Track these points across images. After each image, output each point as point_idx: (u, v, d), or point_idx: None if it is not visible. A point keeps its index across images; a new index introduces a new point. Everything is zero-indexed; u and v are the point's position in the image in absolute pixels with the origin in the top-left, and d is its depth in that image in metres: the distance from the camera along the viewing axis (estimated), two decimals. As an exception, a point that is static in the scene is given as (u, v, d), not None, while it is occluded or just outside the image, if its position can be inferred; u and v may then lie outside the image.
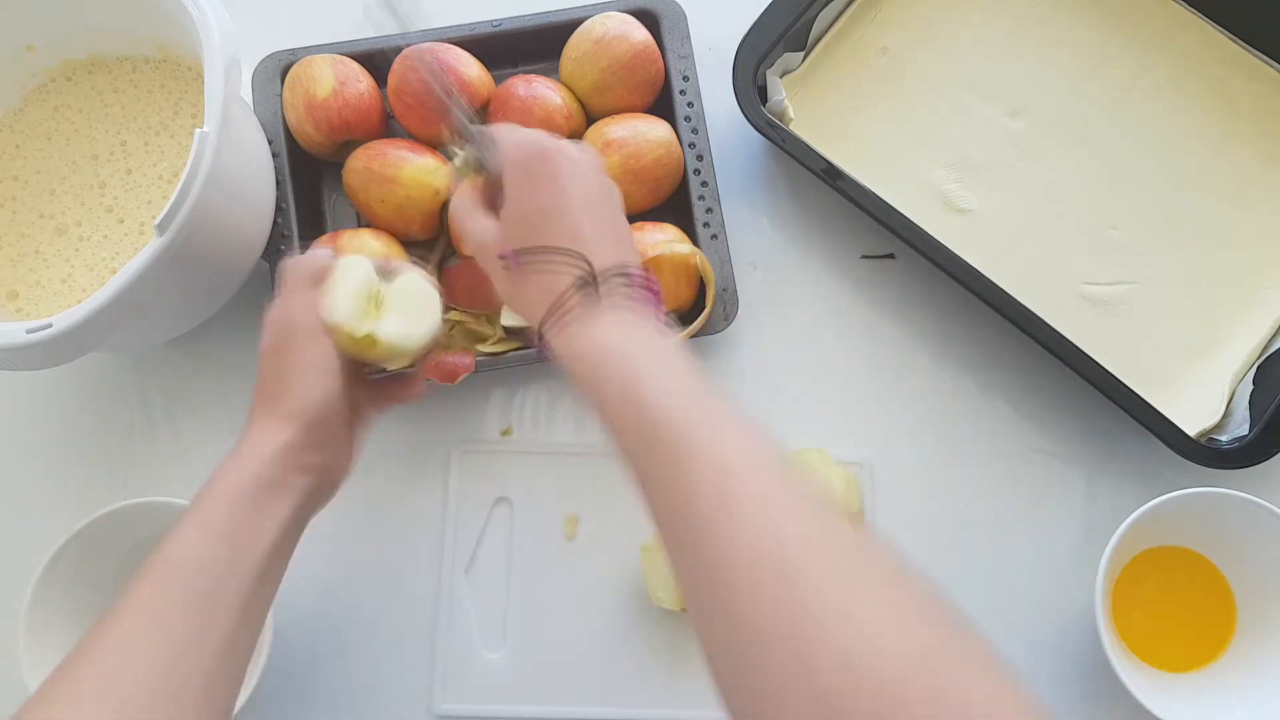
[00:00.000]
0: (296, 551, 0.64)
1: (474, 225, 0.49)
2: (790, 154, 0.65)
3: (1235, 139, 0.69)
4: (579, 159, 0.48)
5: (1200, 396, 0.64)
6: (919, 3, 0.72)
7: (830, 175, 0.64)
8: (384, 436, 0.66)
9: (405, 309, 0.51)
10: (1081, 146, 0.69)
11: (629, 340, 0.43)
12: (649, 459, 0.40)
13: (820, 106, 0.69)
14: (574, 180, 0.47)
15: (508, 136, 0.49)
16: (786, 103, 0.67)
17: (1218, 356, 0.65)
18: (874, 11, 0.71)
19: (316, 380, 0.48)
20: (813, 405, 0.67)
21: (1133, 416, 0.61)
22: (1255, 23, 0.69)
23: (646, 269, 0.48)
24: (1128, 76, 0.70)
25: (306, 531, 0.65)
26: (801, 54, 0.69)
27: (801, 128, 0.67)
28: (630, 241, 0.49)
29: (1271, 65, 0.69)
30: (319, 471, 0.49)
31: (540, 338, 0.46)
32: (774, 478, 0.37)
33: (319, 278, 0.50)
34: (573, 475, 0.65)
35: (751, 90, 0.65)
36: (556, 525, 0.65)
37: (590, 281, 0.45)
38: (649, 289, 0.47)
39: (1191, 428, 0.62)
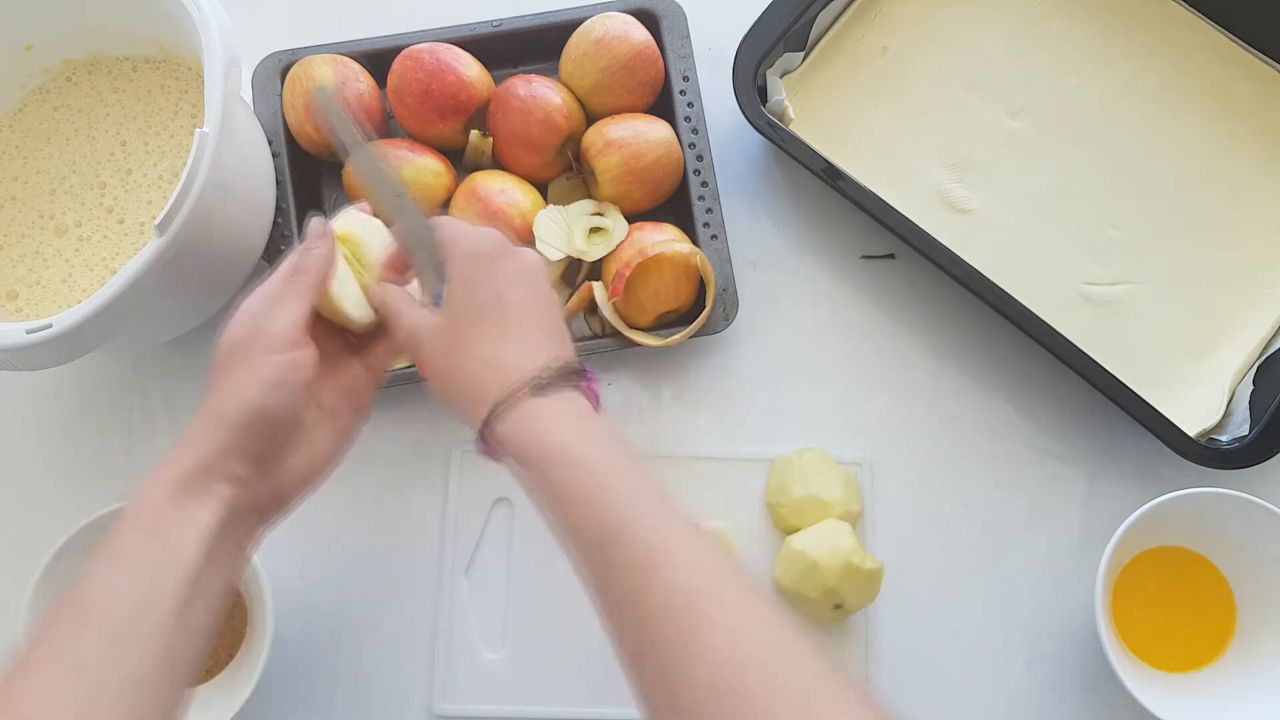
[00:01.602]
0: (297, 551, 0.64)
1: (409, 313, 0.48)
2: (790, 154, 0.65)
3: (1235, 139, 0.69)
4: (528, 260, 0.48)
5: (1200, 396, 0.64)
6: (919, 2, 0.71)
7: (830, 175, 0.64)
8: (384, 436, 0.66)
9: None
10: (1081, 147, 0.69)
11: (585, 442, 0.43)
12: (606, 566, 0.41)
13: (820, 106, 0.69)
14: (520, 278, 0.47)
15: (456, 229, 0.49)
16: (786, 103, 0.67)
17: (1218, 356, 0.65)
18: (874, 11, 0.71)
19: (261, 388, 0.44)
20: (813, 405, 0.67)
21: (1133, 416, 0.61)
22: (1255, 23, 0.69)
23: (589, 372, 0.47)
24: (1128, 76, 0.70)
25: (307, 531, 0.65)
26: (801, 54, 0.69)
27: (801, 128, 0.67)
28: (570, 344, 0.48)
29: (1271, 65, 0.70)
30: (251, 484, 0.45)
31: (481, 432, 0.45)
32: (735, 601, 0.39)
33: (312, 281, 0.48)
34: (573, 475, 0.65)
35: (751, 90, 0.65)
36: (556, 525, 0.65)
37: (544, 380, 0.44)
38: (592, 392, 0.46)
39: (1191, 428, 0.62)
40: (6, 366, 0.54)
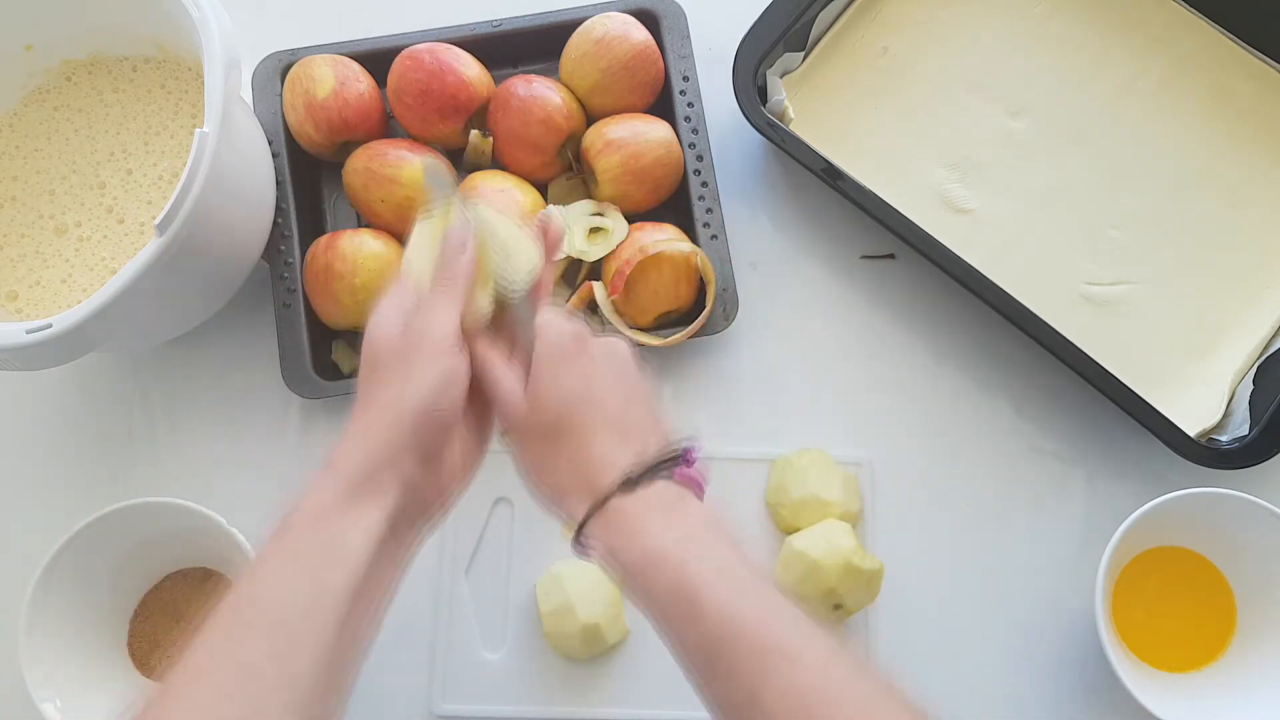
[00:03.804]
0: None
1: (501, 378, 0.47)
2: (790, 154, 0.65)
3: (1235, 139, 0.69)
4: (614, 347, 0.47)
5: (1200, 396, 0.64)
6: (919, 3, 0.71)
7: (830, 175, 0.64)
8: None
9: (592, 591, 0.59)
10: (1081, 146, 0.69)
11: (677, 541, 0.42)
12: (714, 677, 0.39)
13: (820, 106, 0.69)
14: (608, 367, 0.46)
15: (544, 316, 0.47)
16: (786, 103, 0.67)
17: (1218, 356, 0.65)
18: (874, 11, 0.71)
19: (433, 387, 0.44)
20: (812, 405, 0.67)
21: (1133, 416, 0.61)
22: (1255, 23, 0.69)
23: (690, 452, 0.46)
24: (1128, 76, 0.70)
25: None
26: (801, 54, 0.69)
27: (801, 128, 0.67)
28: (665, 418, 0.47)
29: (1271, 65, 0.69)
30: (419, 482, 0.45)
31: (577, 533, 0.44)
32: (860, 702, 0.37)
33: (461, 288, 0.47)
34: (573, 475, 0.65)
35: (751, 90, 0.65)
36: (556, 525, 0.64)
37: (634, 477, 0.43)
38: (690, 478, 0.45)
39: (1191, 428, 0.62)
40: (6, 366, 0.54)
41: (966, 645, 0.63)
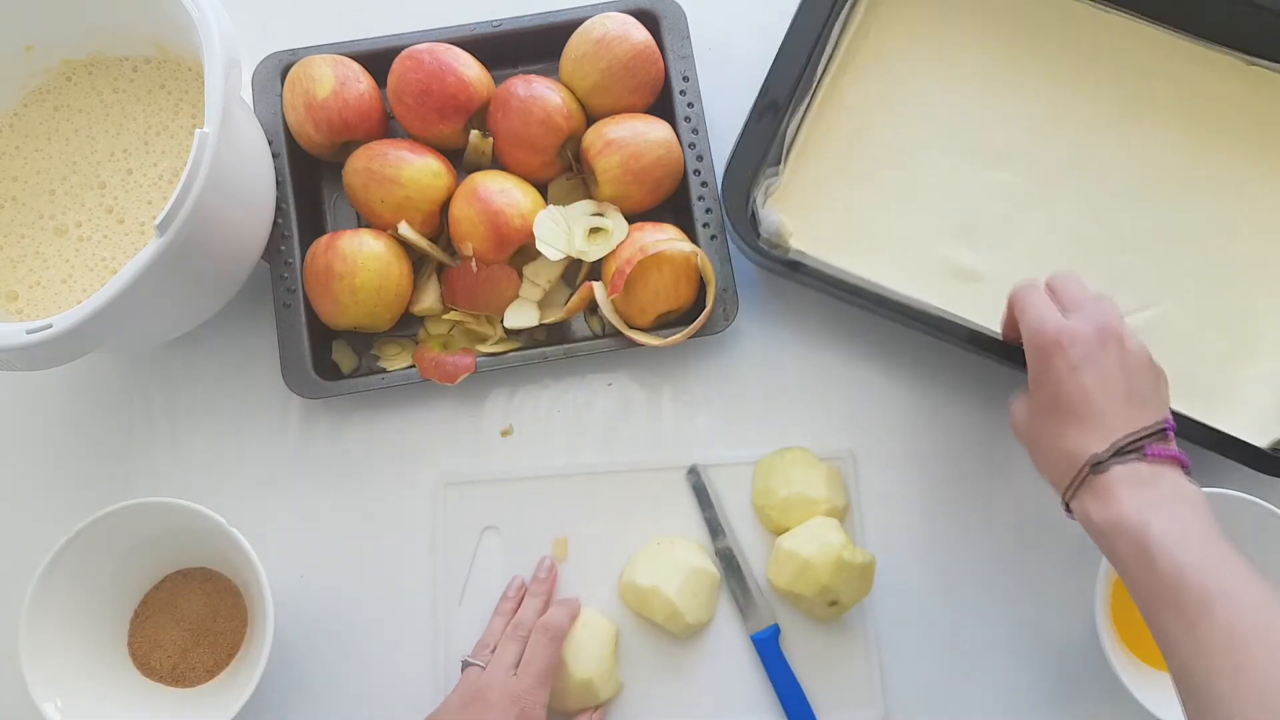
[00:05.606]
0: (297, 552, 0.64)
1: (1016, 403, 0.57)
2: (803, 283, 0.63)
3: (1219, 138, 0.67)
4: (1083, 336, 0.52)
5: (1257, 403, 0.63)
6: (874, 79, 0.68)
7: (847, 290, 0.62)
8: (383, 438, 0.66)
9: (585, 646, 0.61)
10: (1072, 181, 0.67)
11: (1144, 511, 0.48)
12: (1161, 618, 0.46)
13: (811, 210, 0.66)
14: (1083, 362, 0.52)
15: (1026, 318, 0.54)
16: (781, 223, 0.63)
17: (1263, 357, 0.64)
18: (837, 98, 0.68)
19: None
20: (812, 405, 0.67)
21: (1198, 443, 0.60)
22: (1208, 17, 0.67)
23: (1170, 427, 0.52)
24: (1099, 103, 0.68)
25: (307, 533, 0.65)
26: (779, 167, 0.65)
27: (800, 240, 0.64)
28: (1154, 398, 0.53)
29: (1233, 55, 0.68)
30: None
31: (1065, 504, 0.53)
32: None
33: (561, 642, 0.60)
34: (559, 497, 0.65)
35: (748, 228, 0.63)
36: (546, 549, 0.64)
37: (1101, 460, 0.50)
38: (1168, 455, 0.50)
39: (1261, 439, 0.61)
40: (6, 367, 0.54)
41: (966, 644, 0.63)
